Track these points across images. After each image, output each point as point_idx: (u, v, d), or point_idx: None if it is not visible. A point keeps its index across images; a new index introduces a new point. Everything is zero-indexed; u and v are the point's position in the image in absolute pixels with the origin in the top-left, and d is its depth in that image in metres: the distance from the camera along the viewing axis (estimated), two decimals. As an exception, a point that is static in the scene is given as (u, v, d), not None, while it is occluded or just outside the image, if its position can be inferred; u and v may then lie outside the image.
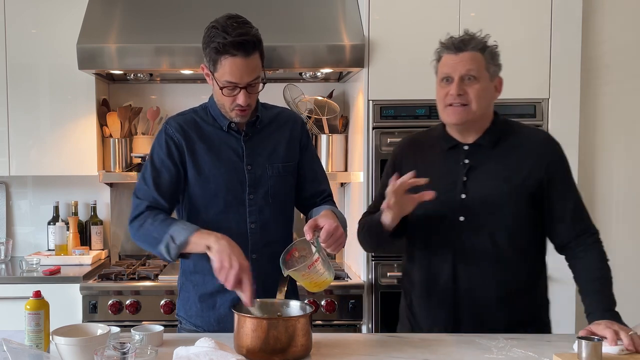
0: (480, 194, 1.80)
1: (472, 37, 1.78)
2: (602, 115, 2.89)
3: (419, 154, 1.91)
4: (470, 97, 1.76)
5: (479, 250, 1.79)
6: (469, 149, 1.83)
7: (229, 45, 1.70)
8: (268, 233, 1.90)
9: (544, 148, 1.82)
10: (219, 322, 1.89)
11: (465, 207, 1.80)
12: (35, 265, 2.99)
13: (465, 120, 1.78)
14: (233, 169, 1.87)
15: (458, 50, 1.77)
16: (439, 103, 1.82)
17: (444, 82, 1.80)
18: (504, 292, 1.80)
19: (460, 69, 1.76)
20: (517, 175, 1.79)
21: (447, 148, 1.86)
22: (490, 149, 1.82)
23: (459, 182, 1.82)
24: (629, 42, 2.88)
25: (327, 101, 3.25)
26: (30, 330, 1.56)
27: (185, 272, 1.96)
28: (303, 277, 1.67)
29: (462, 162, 1.83)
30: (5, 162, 3.08)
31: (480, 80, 1.77)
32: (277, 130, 1.94)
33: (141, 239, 1.81)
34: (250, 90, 1.78)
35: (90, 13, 2.92)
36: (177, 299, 2.03)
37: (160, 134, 1.89)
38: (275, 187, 1.90)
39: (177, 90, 3.39)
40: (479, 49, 1.77)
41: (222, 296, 1.86)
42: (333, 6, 2.94)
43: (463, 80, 1.76)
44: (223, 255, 1.63)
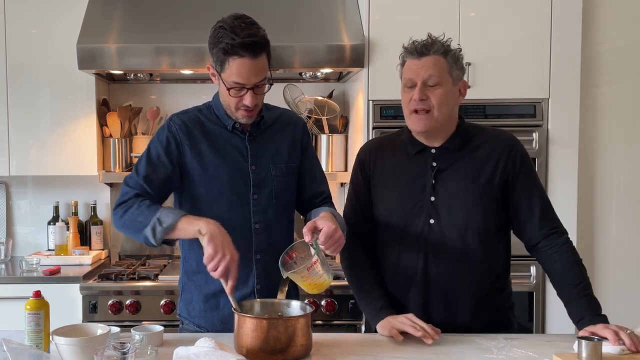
0: (450, 196, 1.81)
1: (434, 41, 1.78)
2: (602, 115, 2.89)
3: (388, 157, 1.92)
4: (433, 102, 1.76)
5: (450, 251, 1.81)
6: (436, 152, 1.84)
7: (238, 46, 1.70)
8: (271, 233, 1.90)
9: (507, 148, 1.83)
10: (223, 323, 1.89)
11: (435, 209, 1.81)
12: (35, 265, 2.99)
13: (429, 127, 1.79)
14: (237, 169, 1.87)
15: (420, 54, 1.77)
16: (404, 109, 1.82)
17: (407, 88, 1.80)
18: (474, 292, 1.82)
19: (422, 73, 1.76)
20: (483, 176, 1.81)
21: (415, 152, 1.86)
22: (457, 153, 1.83)
23: (427, 185, 1.83)
24: (629, 42, 2.88)
25: (327, 101, 3.25)
26: (30, 330, 1.56)
27: (188, 273, 1.96)
28: (302, 279, 1.67)
29: (430, 165, 1.84)
30: (5, 162, 3.08)
31: (443, 85, 1.77)
32: (279, 131, 1.94)
33: (125, 223, 1.79)
34: (257, 92, 1.78)
35: (90, 13, 2.92)
36: (178, 299, 2.03)
37: (163, 130, 1.88)
38: (279, 188, 1.91)
39: (177, 90, 3.39)
40: (441, 52, 1.77)
41: (225, 296, 1.86)
42: (333, 6, 2.95)
43: (425, 85, 1.76)
44: (216, 242, 1.64)
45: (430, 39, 1.79)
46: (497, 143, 1.84)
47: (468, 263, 1.81)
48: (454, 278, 1.81)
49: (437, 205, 1.81)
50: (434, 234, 1.81)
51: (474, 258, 1.81)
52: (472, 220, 1.80)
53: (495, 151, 1.82)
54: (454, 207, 1.80)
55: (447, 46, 1.79)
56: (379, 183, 1.91)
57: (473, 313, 1.82)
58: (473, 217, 1.80)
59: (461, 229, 1.80)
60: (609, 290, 2.80)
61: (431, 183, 1.82)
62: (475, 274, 1.81)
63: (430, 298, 1.82)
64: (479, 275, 1.82)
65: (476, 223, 1.80)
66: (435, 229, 1.81)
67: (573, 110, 2.80)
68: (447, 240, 1.81)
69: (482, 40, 2.79)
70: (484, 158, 1.82)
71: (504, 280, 1.89)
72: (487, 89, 2.79)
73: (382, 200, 1.90)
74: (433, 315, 1.81)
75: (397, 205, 1.86)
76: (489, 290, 1.83)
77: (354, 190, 1.97)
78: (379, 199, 1.91)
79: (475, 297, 1.82)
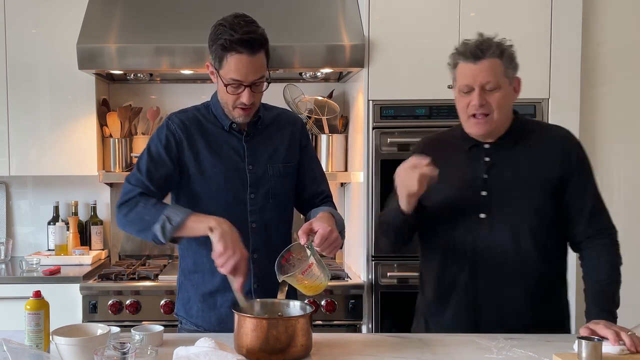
0: (502, 191, 1.80)
1: (489, 43, 1.75)
2: (602, 115, 2.89)
3: (439, 153, 1.91)
4: (493, 106, 1.76)
5: (500, 248, 1.79)
6: (489, 147, 1.84)
7: (236, 42, 1.71)
8: (269, 233, 1.90)
9: (564, 145, 1.82)
10: (220, 322, 1.89)
11: (486, 204, 1.80)
12: (35, 265, 2.99)
13: (488, 131, 1.80)
14: (234, 168, 1.87)
15: (476, 58, 1.74)
16: (461, 113, 1.82)
17: (463, 93, 1.79)
18: (525, 292, 1.80)
19: (480, 79, 1.74)
20: (538, 172, 1.79)
21: (468, 147, 1.86)
22: (511, 148, 1.82)
23: (479, 179, 1.82)
24: (629, 42, 2.88)
25: (327, 101, 3.25)
26: (30, 330, 1.56)
27: (185, 272, 1.96)
28: (298, 282, 1.67)
29: (483, 160, 1.83)
30: (5, 162, 3.08)
31: (501, 88, 1.76)
32: (278, 131, 1.94)
33: (131, 222, 1.79)
34: (254, 90, 1.78)
35: (90, 13, 2.92)
36: (176, 298, 2.03)
37: (162, 128, 1.89)
38: (276, 187, 1.91)
39: (177, 90, 3.39)
40: (497, 55, 1.75)
41: (222, 296, 1.86)
42: (333, 6, 2.94)
43: (484, 89, 1.75)
44: (227, 240, 1.65)
45: (483, 39, 1.77)
46: (553, 139, 1.83)
47: (518, 261, 1.79)
48: (503, 276, 1.79)
49: (488, 200, 1.80)
50: (483, 229, 1.80)
51: (526, 254, 1.79)
52: (524, 216, 1.78)
53: (551, 147, 1.81)
54: (506, 202, 1.79)
55: (502, 47, 1.77)
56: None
57: (522, 313, 1.79)
58: (525, 212, 1.78)
59: (512, 224, 1.79)
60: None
61: (482, 177, 1.81)
62: (525, 273, 1.79)
63: (479, 292, 1.81)
64: (529, 273, 1.79)
65: (528, 218, 1.78)
66: (486, 223, 1.80)
67: (573, 110, 2.79)
68: (497, 235, 1.79)
69: (482, 40, 2.78)
70: (539, 154, 1.81)
71: (557, 278, 1.86)
72: (487, 89, 2.78)
73: (433, 194, 1.86)
74: (480, 310, 1.80)
75: (448, 198, 1.84)
76: (541, 289, 1.81)
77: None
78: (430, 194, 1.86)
79: (524, 297, 1.79)
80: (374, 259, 2.81)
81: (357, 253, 2.98)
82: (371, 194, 2.81)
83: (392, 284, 2.80)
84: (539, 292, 1.81)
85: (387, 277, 2.80)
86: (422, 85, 2.79)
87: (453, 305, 1.84)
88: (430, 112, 2.79)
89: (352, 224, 3.16)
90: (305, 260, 1.66)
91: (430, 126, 2.79)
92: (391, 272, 2.80)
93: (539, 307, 1.80)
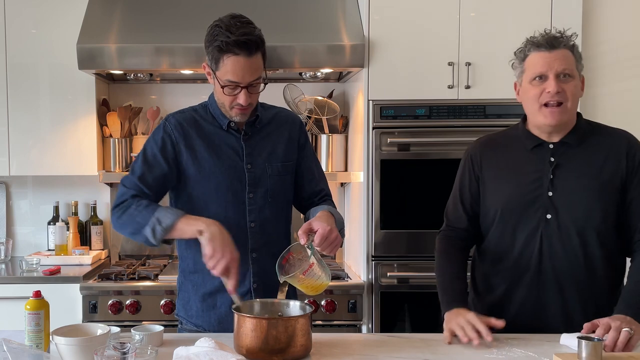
0: (569, 191, 1.79)
1: (562, 34, 1.78)
2: (602, 115, 2.88)
3: (500, 153, 1.90)
4: (567, 94, 1.75)
5: (566, 248, 1.78)
6: (554, 147, 1.82)
7: (232, 44, 1.71)
8: (268, 232, 1.90)
9: (626, 146, 1.80)
10: (220, 322, 1.89)
11: (553, 204, 1.79)
12: (35, 265, 2.99)
13: (562, 121, 1.77)
14: (233, 167, 1.87)
15: (551, 47, 1.75)
16: (532, 104, 1.79)
17: (536, 81, 1.77)
18: (589, 294, 1.79)
19: (556, 66, 1.74)
20: (603, 173, 1.78)
21: (532, 147, 1.85)
22: (576, 148, 1.81)
23: (545, 179, 1.81)
24: (629, 42, 2.88)
25: (327, 101, 3.25)
26: (30, 330, 1.55)
27: (185, 272, 1.96)
28: (299, 282, 1.68)
29: (549, 160, 1.82)
30: (5, 162, 3.08)
31: (574, 78, 1.76)
32: (276, 130, 1.94)
33: (124, 224, 1.80)
34: (251, 90, 1.78)
35: (90, 13, 2.92)
36: (176, 298, 2.03)
37: (158, 130, 1.89)
38: (275, 187, 1.91)
39: (177, 90, 3.39)
40: (569, 47, 1.77)
41: (222, 296, 1.86)
42: (333, 6, 2.95)
43: (558, 77, 1.74)
44: (216, 242, 1.66)
45: (557, 32, 1.78)
46: (616, 141, 1.82)
47: (585, 261, 1.78)
48: (569, 275, 1.78)
49: (554, 200, 1.79)
50: (550, 229, 1.79)
51: (592, 256, 1.78)
52: (591, 217, 1.77)
53: (614, 149, 1.80)
54: (573, 203, 1.78)
55: (572, 40, 1.78)
56: (492, 178, 1.89)
57: (587, 313, 1.76)
58: (592, 214, 1.77)
59: (579, 226, 1.77)
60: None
61: (549, 178, 1.80)
62: (591, 272, 1.78)
63: (542, 294, 1.80)
64: (595, 273, 1.79)
65: (595, 220, 1.77)
66: (553, 224, 1.79)
67: (573, 110, 2.79)
68: (563, 236, 1.78)
69: (482, 40, 2.79)
70: (603, 155, 1.80)
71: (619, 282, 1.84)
72: (487, 89, 2.79)
73: (496, 194, 1.87)
74: (545, 311, 1.79)
75: (513, 198, 1.83)
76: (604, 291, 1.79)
77: (460, 185, 1.96)
78: (493, 194, 1.88)
79: (590, 297, 1.78)
80: (374, 259, 2.81)
81: (357, 253, 2.98)
82: (371, 194, 2.81)
83: (392, 284, 2.80)
84: (604, 295, 1.79)
85: (387, 277, 2.80)
86: (422, 85, 2.79)
87: (517, 304, 1.83)
88: (430, 112, 2.79)
89: (352, 224, 3.16)
90: (306, 260, 1.66)
91: (430, 126, 2.79)
92: (391, 272, 2.79)
93: (603, 309, 1.77)
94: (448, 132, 2.78)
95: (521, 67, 1.83)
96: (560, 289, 1.79)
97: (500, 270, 1.87)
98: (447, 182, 2.78)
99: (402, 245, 2.81)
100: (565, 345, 1.66)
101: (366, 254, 2.82)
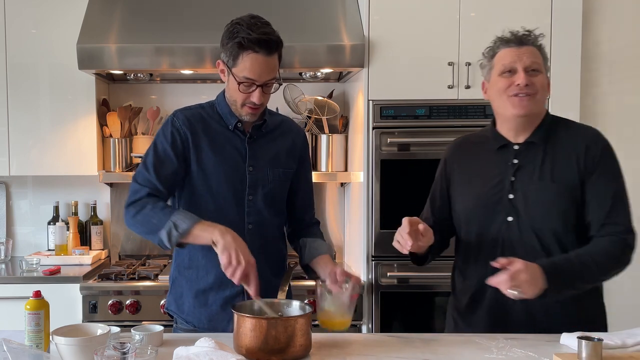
0: (528, 193, 1.79)
1: (530, 32, 1.81)
2: (602, 115, 2.89)
3: (468, 154, 1.92)
4: (537, 86, 1.77)
5: (528, 251, 1.77)
6: (518, 148, 1.83)
7: (254, 41, 1.74)
8: (264, 234, 1.92)
9: (588, 145, 1.79)
10: (210, 320, 1.90)
11: (514, 207, 1.80)
12: (35, 265, 2.99)
13: (531, 111, 1.78)
14: (235, 168, 1.88)
15: (520, 43, 1.79)
16: (500, 95, 1.80)
17: (505, 75, 1.79)
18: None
19: (524, 60, 1.77)
20: (564, 174, 1.78)
21: (497, 147, 1.86)
22: (540, 148, 1.81)
23: (506, 181, 1.82)
24: (629, 42, 2.88)
25: (327, 101, 3.25)
26: (30, 330, 1.55)
27: (180, 267, 1.97)
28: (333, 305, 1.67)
29: (511, 162, 1.83)
30: (5, 162, 3.08)
31: (542, 73, 1.79)
32: (280, 137, 1.97)
33: (138, 223, 1.81)
34: (265, 90, 1.81)
35: (90, 13, 2.92)
36: (168, 293, 2.02)
37: (167, 125, 1.90)
38: (274, 191, 1.93)
39: (177, 90, 3.39)
40: (537, 45, 1.80)
41: (214, 294, 1.87)
42: (333, 6, 2.94)
43: (527, 71, 1.77)
44: (231, 251, 1.66)
45: (526, 31, 1.81)
46: (579, 137, 1.81)
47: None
48: None
49: (515, 203, 1.80)
50: (512, 233, 1.80)
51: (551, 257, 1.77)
52: (549, 219, 1.77)
53: (576, 146, 1.80)
54: (532, 205, 1.78)
55: (540, 40, 1.82)
56: (461, 181, 1.91)
57: (553, 315, 1.77)
58: (550, 216, 1.77)
59: (537, 228, 1.78)
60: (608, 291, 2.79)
61: (510, 180, 1.81)
62: None
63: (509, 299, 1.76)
64: None
65: (554, 222, 1.77)
66: (514, 227, 1.80)
67: (573, 110, 2.79)
68: (524, 238, 1.79)
69: (482, 40, 2.76)
70: (565, 155, 1.79)
71: None
72: (487, 89, 2.79)
73: (462, 196, 1.89)
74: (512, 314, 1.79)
75: (476, 201, 1.85)
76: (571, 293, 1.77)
77: (433, 189, 1.99)
78: (459, 196, 1.90)
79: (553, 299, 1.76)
80: (374, 259, 2.81)
81: (357, 253, 2.98)
82: (371, 194, 2.81)
83: (392, 284, 2.80)
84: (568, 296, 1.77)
85: (387, 277, 2.80)
86: (422, 85, 2.79)
87: (484, 306, 1.83)
88: (430, 112, 2.79)
89: (352, 224, 3.16)
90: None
91: (430, 126, 2.79)
92: (391, 272, 2.79)
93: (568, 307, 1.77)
94: (448, 132, 2.78)
95: (490, 64, 1.85)
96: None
97: (470, 271, 1.88)
98: (447, 182, 2.79)
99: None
100: (565, 345, 1.66)
101: (366, 254, 2.82)
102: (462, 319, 1.92)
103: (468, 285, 1.88)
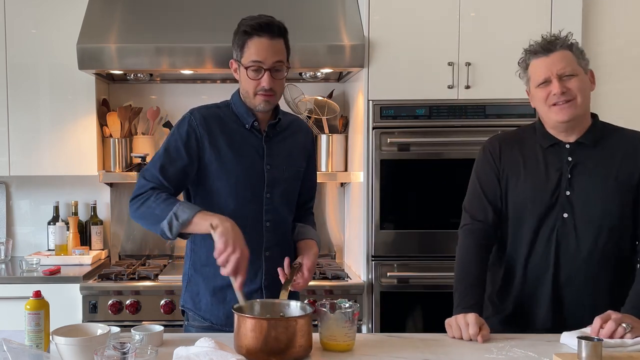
0: (586, 191, 1.80)
1: (556, 37, 1.82)
2: (602, 116, 2.87)
3: (516, 150, 1.91)
4: (574, 92, 1.78)
5: (583, 247, 1.79)
6: (570, 147, 1.84)
7: (256, 26, 1.82)
8: (281, 231, 1.96)
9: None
10: (228, 317, 1.89)
11: (570, 203, 1.81)
12: (35, 265, 2.99)
13: (574, 115, 1.80)
14: (253, 167, 1.91)
15: (548, 51, 1.80)
16: (542, 106, 1.83)
17: (540, 85, 1.82)
18: (606, 292, 1.80)
19: (556, 68, 1.78)
20: (620, 173, 1.80)
21: (547, 146, 1.86)
22: (592, 148, 1.83)
23: (563, 178, 1.82)
24: (629, 42, 2.88)
25: (327, 101, 3.25)
26: (30, 330, 1.55)
27: (196, 265, 1.98)
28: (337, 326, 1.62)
29: (566, 160, 1.83)
30: (5, 162, 3.08)
31: (578, 75, 1.79)
32: (291, 136, 2.00)
33: (141, 216, 1.82)
34: (274, 75, 1.85)
35: (90, 13, 2.92)
36: (182, 291, 2.02)
37: (183, 123, 1.91)
38: (289, 189, 1.97)
39: (177, 90, 3.38)
40: (566, 47, 1.80)
41: (232, 291, 1.86)
42: (333, 6, 2.94)
43: (561, 78, 1.78)
44: (228, 238, 1.67)
45: (551, 37, 1.82)
46: (632, 142, 1.84)
47: (601, 260, 1.79)
48: (585, 274, 1.80)
49: (572, 199, 1.81)
50: (567, 228, 1.81)
51: (608, 255, 1.79)
52: (607, 217, 1.79)
53: (631, 150, 1.82)
54: (590, 202, 1.79)
55: (569, 40, 1.82)
56: (512, 173, 1.90)
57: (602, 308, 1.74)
58: (609, 214, 1.79)
59: (595, 225, 1.79)
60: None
61: (567, 177, 1.82)
62: (607, 272, 1.80)
63: (560, 292, 1.82)
64: (612, 273, 1.80)
65: (612, 220, 1.79)
66: (569, 223, 1.81)
67: (573, 110, 2.79)
68: (579, 235, 1.80)
69: (482, 40, 2.79)
70: (620, 156, 1.82)
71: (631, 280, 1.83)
72: (487, 89, 2.79)
73: (514, 190, 1.88)
74: (562, 310, 1.80)
75: (531, 196, 1.85)
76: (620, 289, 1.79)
77: (479, 179, 1.95)
78: (512, 190, 1.89)
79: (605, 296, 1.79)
80: (374, 259, 2.81)
81: (357, 253, 2.98)
82: (371, 194, 2.81)
83: (392, 284, 2.80)
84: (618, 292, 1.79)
85: (387, 277, 2.80)
86: (422, 85, 2.79)
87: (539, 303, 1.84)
88: (430, 112, 2.79)
89: (352, 224, 3.16)
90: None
91: (430, 126, 2.80)
92: (391, 272, 2.79)
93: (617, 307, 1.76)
94: (448, 132, 2.78)
95: (526, 75, 1.88)
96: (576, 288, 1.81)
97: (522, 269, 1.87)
98: (447, 182, 2.79)
99: (402, 246, 2.81)
100: (565, 344, 1.66)
101: (366, 254, 2.82)
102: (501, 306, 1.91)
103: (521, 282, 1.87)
